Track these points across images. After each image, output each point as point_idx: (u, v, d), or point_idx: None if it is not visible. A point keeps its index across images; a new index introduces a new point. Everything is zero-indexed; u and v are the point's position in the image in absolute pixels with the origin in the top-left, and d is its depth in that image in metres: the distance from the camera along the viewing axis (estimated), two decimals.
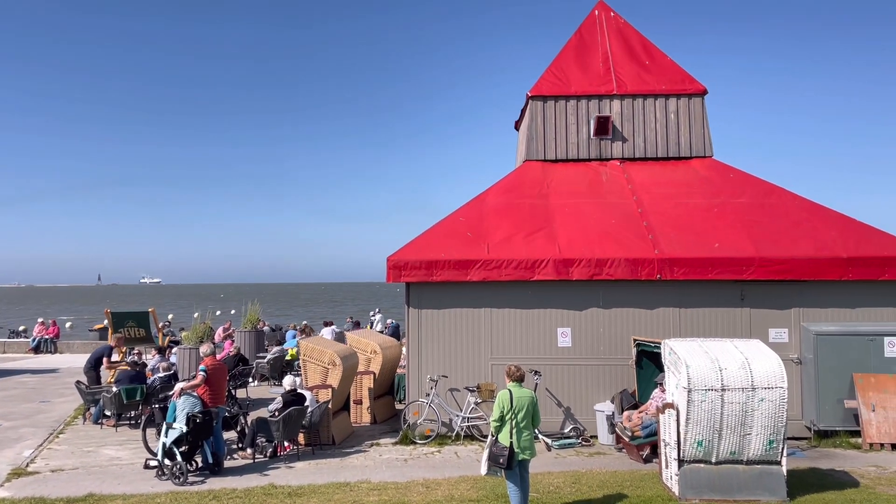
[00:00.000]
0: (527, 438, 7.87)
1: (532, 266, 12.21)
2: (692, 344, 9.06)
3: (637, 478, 9.59)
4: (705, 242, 12.32)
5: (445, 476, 9.78)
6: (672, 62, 15.07)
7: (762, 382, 8.41)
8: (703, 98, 14.68)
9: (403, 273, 12.30)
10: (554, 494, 8.86)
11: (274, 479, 9.80)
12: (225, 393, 11.23)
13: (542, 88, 14.97)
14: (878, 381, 11.50)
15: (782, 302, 12.20)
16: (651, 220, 12.96)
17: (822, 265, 11.93)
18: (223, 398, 11.02)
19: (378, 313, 29.30)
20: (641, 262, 12.10)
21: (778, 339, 12.12)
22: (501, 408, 7.84)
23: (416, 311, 12.51)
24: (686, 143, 14.64)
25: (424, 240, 12.84)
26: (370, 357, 13.81)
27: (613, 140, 14.72)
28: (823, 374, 11.65)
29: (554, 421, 12.28)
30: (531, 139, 14.88)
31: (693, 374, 8.48)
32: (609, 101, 14.77)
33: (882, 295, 12.14)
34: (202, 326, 18.05)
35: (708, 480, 8.56)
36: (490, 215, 13.40)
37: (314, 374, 12.27)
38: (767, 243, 12.21)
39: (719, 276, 12.01)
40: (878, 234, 12.57)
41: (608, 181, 14.17)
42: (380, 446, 11.73)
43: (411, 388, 12.48)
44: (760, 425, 8.43)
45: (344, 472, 10.11)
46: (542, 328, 12.46)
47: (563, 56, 15.42)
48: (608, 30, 15.70)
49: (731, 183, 13.92)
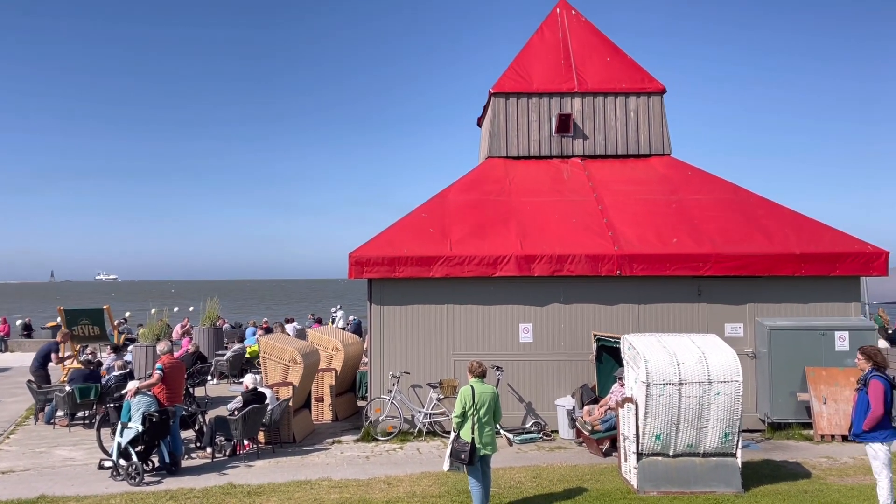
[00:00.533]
0: (488, 434, 7.90)
1: (494, 262, 12.26)
2: (651, 339, 9.20)
3: (597, 471, 9.71)
4: (664, 239, 12.52)
5: (407, 472, 9.76)
6: (632, 61, 15.26)
7: (718, 376, 8.58)
8: (662, 97, 14.89)
9: (366, 269, 12.24)
10: (515, 489, 8.91)
11: (233, 478, 9.67)
12: (182, 391, 11.04)
13: (504, 85, 15.02)
14: (829, 374, 11.83)
15: (738, 297, 12.47)
16: (611, 216, 13.12)
17: (776, 261, 12.22)
18: (181, 397, 10.83)
19: (340, 310, 29.11)
20: (601, 258, 12.23)
21: (734, 333, 12.39)
22: (463, 404, 7.85)
23: (379, 307, 12.46)
24: (645, 142, 14.84)
25: (387, 236, 12.79)
26: (332, 354, 13.71)
27: (575, 137, 14.85)
28: (777, 367, 11.94)
29: (516, 416, 12.35)
30: (494, 136, 14.92)
31: (651, 368, 8.61)
32: (570, 99, 14.90)
33: (833, 290, 12.48)
34: (159, 324, 17.71)
35: (666, 473, 8.71)
36: (453, 212, 13.41)
37: (275, 371, 12.13)
38: (724, 240, 12.46)
39: (677, 272, 12.21)
40: (829, 231, 12.92)
41: (569, 178, 14.30)
42: (341, 444, 11.66)
43: (373, 384, 12.43)
44: (716, 418, 8.61)
45: (304, 470, 10.02)
46: (504, 324, 12.52)
47: (525, 53, 15.49)
48: (570, 28, 15.82)
49: (688, 181, 14.17)
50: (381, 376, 12.39)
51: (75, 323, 17.23)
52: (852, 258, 12.27)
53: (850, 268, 12.30)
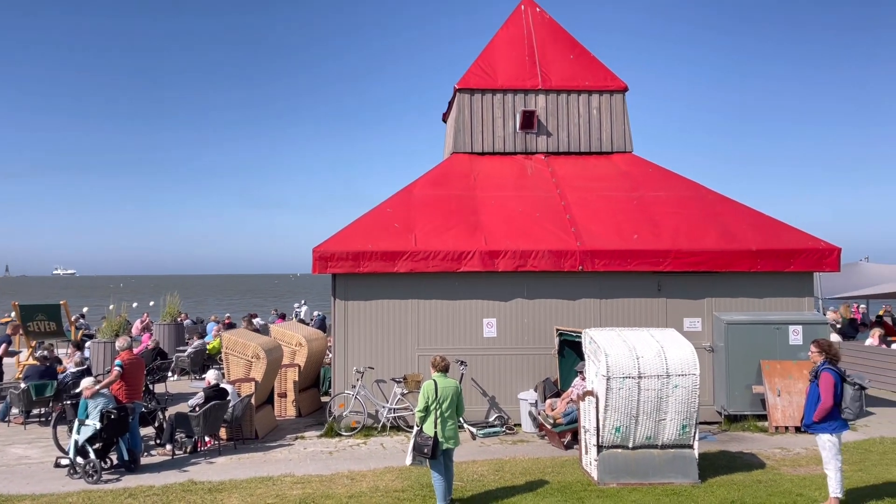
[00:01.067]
0: (451, 428, 7.96)
1: (459, 258, 12.31)
2: (611, 333, 9.34)
3: (558, 464, 9.84)
4: (625, 235, 12.71)
5: (371, 467, 9.77)
6: (595, 59, 15.43)
7: (676, 370, 8.76)
8: (624, 95, 15.10)
9: (330, 264, 12.18)
10: (478, 482, 8.99)
11: (193, 475, 9.56)
12: (142, 388, 10.88)
13: (469, 81, 15.06)
14: (784, 367, 12.15)
15: (696, 292, 12.73)
16: (574, 212, 13.26)
17: (733, 257, 12.50)
18: (140, 393, 10.67)
19: (304, 305, 28.87)
20: (564, 253, 12.37)
21: (692, 328, 12.64)
22: (426, 398, 7.90)
23: (343, 302, 12.42)
24: (608, 139, 15.03)
25: (351, 231, 12.75)
26: (295, 350, 13.63)
27: (538, 134, 14.97)
28: (733, 361, 12.23)
29: (479, 410, 12.44)
30: (458, 132, 14.96)
31: (612, 362, 8.75)
32: (535, 96, 15.01)
33: (788, 286, 12.82)
34: (118, 319, 17.39)
35: (625, 465, 8.87)
36: (418, 207, 13.42)
37: (237, 367, 12.01)
38: (683, 236, 12.70)
39: (638, 267, 12.41)
40: (785, 228, 13.26)
41: (533, 174, 14.41)
42: (304, 439, 11.61)
43: (337, 380, 12.39)
44: (674, 411, 8.79)
45: (267, 466, 9.96)
46: (468, 319, 12.59)
47: (490, 50, 15.55)
48: (534, 25, 15.92)
49: (649, 178, 14.39)
50: (346, 372, 12.37)
51: (31, 318, 16.85)
52: (806, 254, 12.62)
53: (804, 264, 12.64)
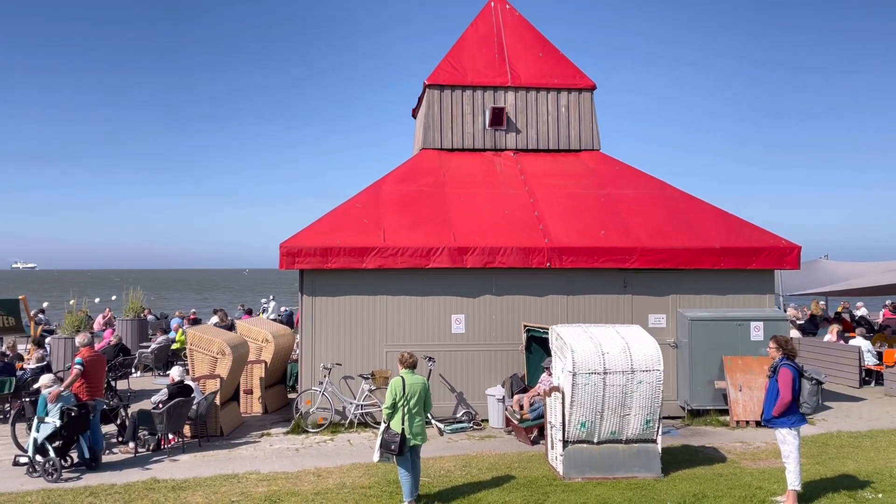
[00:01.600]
0: (418, 424, 7.97)
1: (427, 254, 12.31)
2: (577, 329, 9.44)
3: (525, 459, 9.92)
4: (592, 232, 12.83)
5: (338, 464, 9.74)
6: (564, 57, 15.53)
7: (641, 365, 8.89)
8: (592, 93, 15.23)
9: (297, 260, 12.09)
10: (445, 478, 9.02)
11: (156, 472, 9.43)
12: (103, 385, 10.68)
13: (439, 77, 15.06)
14: (745, 362, 12.40)
15: (661, 289, 12.91)
16: (542, 210, 13.35)
17: (697, 255, 12.70)
18: (101, 390, 10.47)
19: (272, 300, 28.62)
20: (532, 250, 12.45)
21: (657, 324, 12.83)
22: (394, 395, 7.89)
23: (311, 298, 12.34)
24: (576, 137, 15.15)
25: (319, 226, 12.67)
26: (261, 346, 13.50)
27: (508, 131, 15.03)
28: (697, 356, 12.45)
29: (447, 406, 12.47)
30: (428, 128, 14.94)
31: (578, 358, 8.83)
32: (504, 93, 15.06)
33: (749, 283, 13.08)
34: (79, 315, 17.05)
35: (590, 460, 8.97)
36: (387, 203, 13.38)
37: (202, 363, 11.86)
38: (648, 234, 12.87)
39: (604, 264, 12.55)
40: (748, 226, 13.52)
41: (502, 171, 14.46)
42: (270, 436, 11.52)
43: (304, 376, 12.31)
44: (639, 406, 8.92)
45: (232, 463, 9.86)
46: (437, 315, 12.60)
47: (459, 46, 15.55)
48: (503, 22, 15.97)
49: (616, 175, 14.55)
50: (313, 368, 12.29)
51: None
52: (767, 252, 12.88)
53: (766, 261, 12.91)
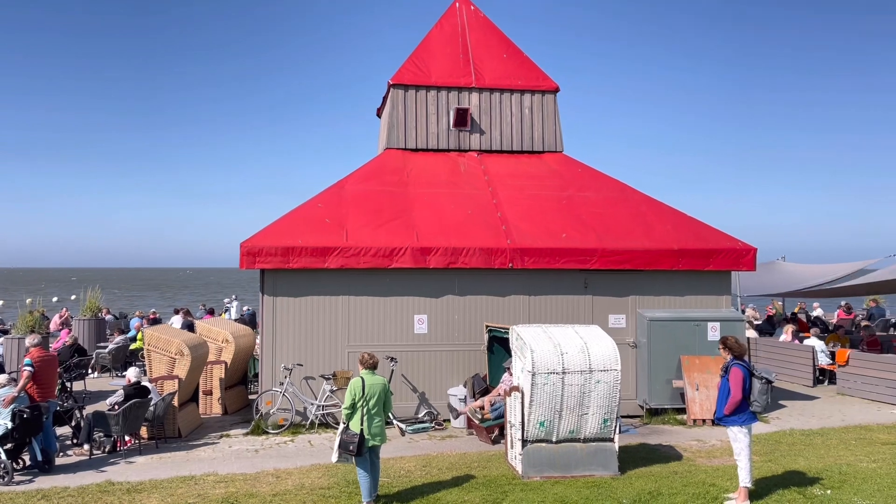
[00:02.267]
0: (378, 425, 7.97)
1: (390, 254, 12.30)
2: (537, 330, 9.52)
3: (485, 459, 9.97)
4: (554, 233, 12.96)
5: (297, 465, 9.68)
6: (528, 59, 15.65)
7: (599, 365, 9.01)
8: (556, 95, 15.37)
9: (258, 259, 11.98)
10: (405, 478, 9.02)
11: (111, 475, 9.27)
12: (56, 386, 10.46)
13: (403, 77, 15.05)
14: (702, 362, 12.64)
15: (621, 290, 13.09)
16: (505, 211, 13.44)
17: (656, 256, 12.91)
18: (54, 392, 10.26)
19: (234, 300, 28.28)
20: (495, 251, 12.52)
21: (617, 324, 13.01)
22: (353, 395, 7.88)
23: (272, 298, 12.24)
24: (539, 138, 15.28)
25: (281, 225, 12.57)
26: (222, 346, 13.35)
27: (472, 132, 15.09)
28: (655, 356, 12.65)
29: (409, 406, 12.48)
30: (392, 127, 14.93)
31: (537, 358, 8.92)
32: (468, 94, 15.11)
33: (707, 284, 13.33)
34: (35, 314, 16.66)
35: (549, 459, 9.06)
36: (350, 202, 13.34)
37: (160, 364, 11.69)
38: (609, 235, 13.04)
39: (566, 265, 12.68)
40: (705, 228, 13.78)
41: (466, 172, 14.52)
42: (230, 437, 11.40)
43: (265, 377, 12.21)
44: (596, 405, 9.03)
45: (189, 465, 9.74)
46: (399, 315, 12.60)
47: (424, 46, 15.57)
48: (468, 23, 16.03)
49: (578, 177, 14.71)
50: (273, 368, 12.19)
51: None
52: (724, 254, 13.15)
53: (723, 263, 13.17)
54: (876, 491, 8.40)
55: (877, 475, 9.03)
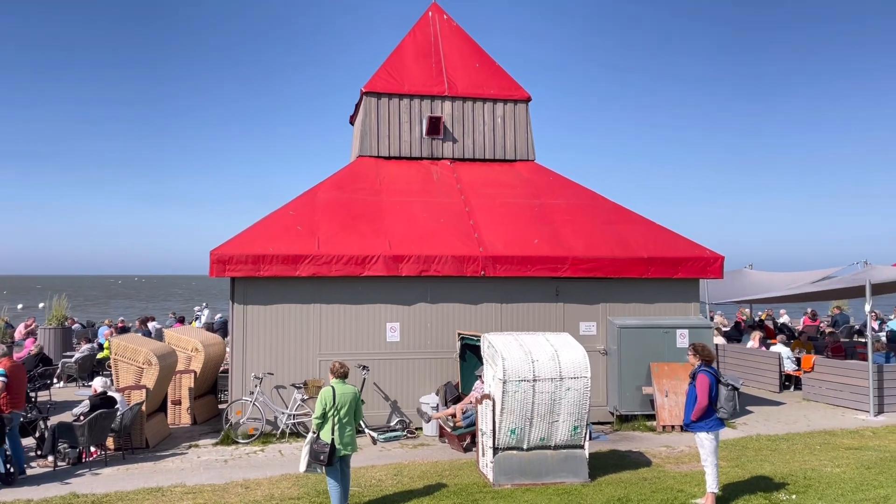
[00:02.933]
0: (349, 434, 7.93)
1: (362, 262, 12.28)
2: (508, 337, 9.57)
3: (456, 467, 9.98)
4: (526, 241, 13.04)
5: (267, 475, 9.59)
6: (500, 68, 15.77)
7: (569, 373, 9.07)
8: (528, 105, 15.50)
9: (228, 267, 11.88)
10: (375, 488, 8.99)
11: (76, 487, 9.10)
12: (24, 396, 10.24)
13: (376, 85, 15.06)
14: (671, 368, 12.79)
15: (592, 297, 13.21)
16: (477, 219, 13.50)
17: (626, 264, 13.06)
18: (22, 402, 10.04)
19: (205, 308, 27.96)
20: (467, 259, 12.57)
21: (588, 331, 13.12)
22: (324, 405, 7.84)
23: (242, 306, 12.13)
24: (511, 147, 15.39)
25: (252, 233, 12.48)
26: (191, 355, 13.19)
27: (444, 140, 15.14)
28: (625, 363, 12.77)
29: (381, 415, 12.44)
30: (365, 135, 14.93)
31: (508, 366, 8.96)
32: (441, 102, 15.17)
33: (676, 291, 13.51)
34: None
35: (520, 466, 9.09)
36: (321, 210, 13.29)
37: (127, 374, 11.51)
38: (580, 243, 13.16)
39: (537, 273, 12.76)
40: (674, 236, 13.97)
41: (439, 180, 14.56)
42: (199, 448, 11.26)
43: (235, 386, 12.08)
44: (567, 412, 9.10)
45: (157, 476, 9.60)
46: (371, 323, 12.57)
47: (397, 54, 15.61)
48: (441, 32, 16.11)
49: (550, 186, 14.83)
50: (244, 377, 12.08)
51: None
52: (692, 262, 13.34)
53: (691, 271, 13.36)
54: (839, 495, 8.56)
55: (840, 480, 9.20)
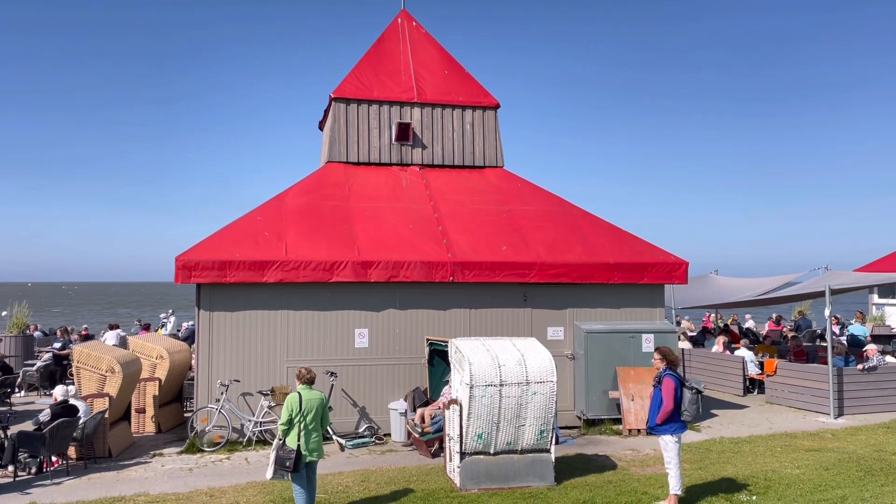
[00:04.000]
0: (315, 441, 7.90)
1: (331, 268, 12.24)
2: (476, 343, 9.62)
3: (424, 472, 9.98)
4: (494, 247, 13.13)
5: (233, 483, 9.50)
6: (469, 75, 15.87)
7: (535, 377, 9.15)
8: (496, 112, 15.62)
9: (194, 274, 11.75)
10: (342, 494, 8.96)
11: (37, 497, 8.92)
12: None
13: (345, 91, 15.05)
14: (637, 373, 12.96)
15: (559, 302, 13.34)
16: (446, 225, 13.55)
17: (592, 270, 13.21)
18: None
19: (171, 315, 27.55)
20: (436, 265, 12.60)
21: (555, 336, 13.23)
22: (290, 411, 7.81)
23: (208, 313, 12.01)
24: (480, 154, 15.49)
25: (218, 239, 12.37)
26: (156, 363, 13.01)
27: (414, 146, 15.18)
28: (592, 367, 12.90)
29: (349, 421, 12.39)
30: (334, 141, 14.90)
31: (475, 370, 9.01)
32: (410, 109, 15.21)
33: (641, 296, 13.70)
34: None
35: (486, 471, 9.13)
36: (290, 216, 13.23)
37: (90, 382, 11.32)
38: (547, 249, 13.28)
39: (506, 278, 12.85)
40: (640, 242, 14.17)
41: (408, 186, 14.59)
42: (163, 456, 11.10)
43: (200, 393, 11.94)
44: (533, 417, 9.17)
45: (119, 485, 9.45)
46: (339, 329, 12.53)
47: (366, 60, 15.62)
48: (410, 39, 16.17)
49: (518, 192, 14.95)
50: (209, 385, 11.94)
51: None
52: (658, 268, 13.54)
53: (656, 276, 13.56)
54: (798, 496, 8.75)
55: (800, 481, 9.41)
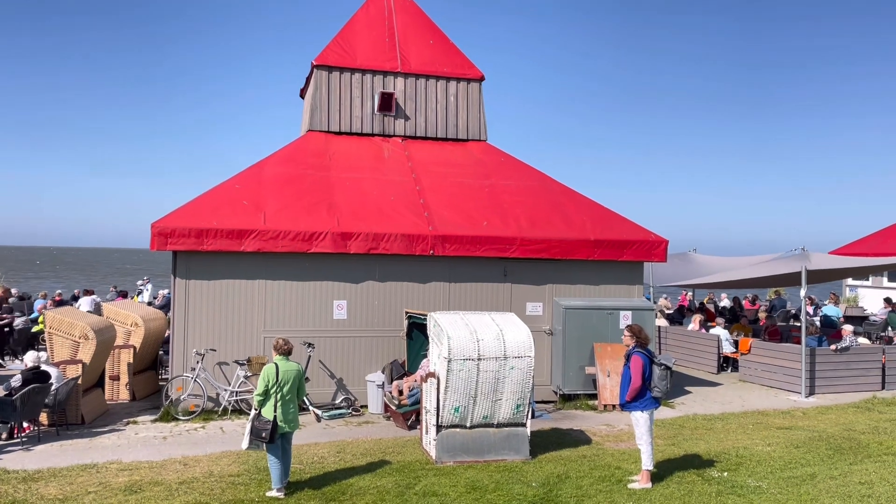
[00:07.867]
0: (292, 412, 7.88)
1: (310, 238, 12.12)
2: (454, 316, 9.60)
3: (400, 444, 10.01)
4: (475, 221, 13.06)
5: (207, 452, 9.45)
6: (454, 46, 15.65)
7: (513, 352, 9.16)
8: (481, 84, 15.45)
9: (170, 241, 11.58)
10: (317, 465, 8.96)
11: (7, 463, 8.82)
12: None
13: (328, 58, 14.79)
14: (614, 349, 13.05)
15: (539, 278, 13.35)
16: (427, 197, 13.44)
17: (573, 246, 13.21)
18: None
19: (148, 283, 27.24)
20: (416, 237, 12.52)
21: (534, 312, 13.26)
22: (266, 381, 7.76)
23: (184, 281, 11.86)
24: (464, 126, 15.34)
25: (195, 206, 12.18)
26: (131, 330, 12.86)
27: (397, 117, 15.00)
28: (570, 343, 12.97)
29: (326, 392, 12.38)
30: (315, 109, 14.67)
31: (453, 344, 8.99)
32: (393, 78, 14.99)
33: (620, 273, 13.75)
34: None
35: (462, 444, 9.17)
36: (268, 184, 13.04)
37: (62, 348, 11.17)
38: (528, 224, 13.25)
39: (486, 253, 12.81)
40: (620, 219, 14.18)
41: (390, 157, 14.43)
42: (137, 424, 11.02)
43: (175, 362, 11.84)
44: (510, 391, 9.20)
45: (92, 452, 9.37)
46: (318, 300, 12.45)
47: (350, 27, 15.34)
48: (395, 7, 15.89)
49: (501, 167, 14.86)
50: (185, 353, 11.84)
51: None
52: (637, 245, 13.58)
53: (636, 253, 13.60)
54: (768, 473, 8.90)
55: (770, 458, 9.57)
